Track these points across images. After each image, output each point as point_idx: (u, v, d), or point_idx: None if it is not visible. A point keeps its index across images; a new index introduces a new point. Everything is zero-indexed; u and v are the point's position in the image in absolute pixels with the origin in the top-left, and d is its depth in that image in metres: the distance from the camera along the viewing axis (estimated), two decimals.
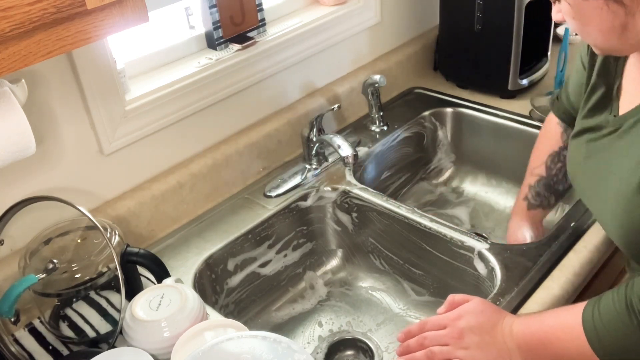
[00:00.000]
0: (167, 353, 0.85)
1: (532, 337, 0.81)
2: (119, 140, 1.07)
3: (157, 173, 1.16)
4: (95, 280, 0.93)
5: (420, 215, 1.15)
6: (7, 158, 0.83)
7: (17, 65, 0.65)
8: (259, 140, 1.27)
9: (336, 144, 1.18)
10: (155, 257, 0.96)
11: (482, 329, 0.84)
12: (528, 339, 0.81)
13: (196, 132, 1.20)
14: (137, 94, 1.09)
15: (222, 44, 1.22)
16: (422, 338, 0.87)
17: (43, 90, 0.96)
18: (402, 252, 1.21)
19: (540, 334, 0.80)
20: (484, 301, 0.88)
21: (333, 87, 1.42)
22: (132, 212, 1.10)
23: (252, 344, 0.80)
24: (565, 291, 0.96)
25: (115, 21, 0.71)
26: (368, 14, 1.45)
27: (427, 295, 1.20)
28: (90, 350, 0.90)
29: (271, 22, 1.32)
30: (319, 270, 1.30)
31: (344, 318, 1.20)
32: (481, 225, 1.39)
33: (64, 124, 1.00)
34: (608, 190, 0.84)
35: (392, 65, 1.54)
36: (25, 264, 0.93)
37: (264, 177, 1.30)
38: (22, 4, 0.62)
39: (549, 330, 0.80)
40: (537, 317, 0.83)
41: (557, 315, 0.82)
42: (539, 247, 1.04)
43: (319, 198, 1.25)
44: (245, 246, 1.16)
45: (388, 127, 1.43)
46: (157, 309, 0.88)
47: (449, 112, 1.49)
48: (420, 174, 1.50)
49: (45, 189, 1.01)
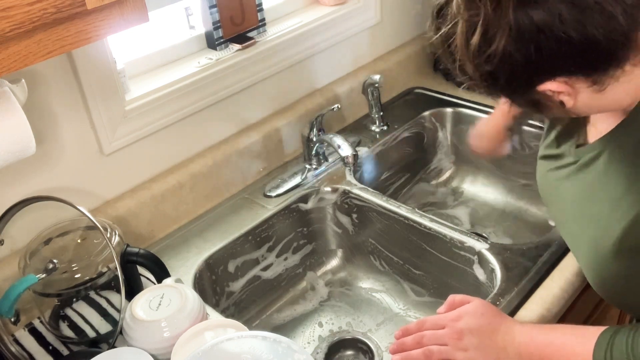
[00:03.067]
0: (167, 353, 0.85)
1: (535, 352, 0.79)
2: (119, 140, 1.07)
3: (157, 173, 1.16)
4: (95, 280, 0.94)
5: (420, 215, 1.15)
6: (7, 158, 0.83)
7: (17, 65, 0.65)
8: (259, 140, 1.27)
9: (336, 144, 1.18)
10: (155, 257, 0.96)
11: (482, 332, 0.83)
12: (531, 351, 0.80)
13: (196, 132, 1.20)
14: (137, 94, 1.09)
15: (222, 44, 1.22)
16: (419, 336, 0.87)
17: (43, 90, 0.96)
18: (402, 252, 1.21)
19: (545, 353, 0.79)
20: (485, 303, 0.87)
21: (333, 87, 1.42)
22: (132, 212, 1.10)
23: (252, 344, 0.80)
24: (565, 291, 0.96)
25: (115, 21, 0.71)
26: (368, 14, 1.45)
27: (427, 295, 1.20)
28: (90, 350, 0.90)
29: (271, 22, 1.32)
30: (319, 270, 1.30)
31: (344, 318, 1.20)
32: (481, 225, 1.39)
33: (64, 124, 1.00)
34: (579, 236, 0.81)
35: (392, 65, 1.54)
36: (25, 264, 0.93)
37: (264, 177, 1.30)
38: (22, 4, 0.62)
39: (555, 353, 0.78)
40: (542, 332, 0.81)
41: (565, 341, 0.78)
42: (539, 247, 1.04)
43: (319, 199, 1.25)
44: (246, 247, 1.16)
45: (388, 127, 1.43)
46: (157, 309, 0.88)
47: (449, 112, 1.49)
48: (420, 174, 1.50)
49: (45, 189, 1.01)
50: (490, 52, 0.64)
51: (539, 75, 0.66)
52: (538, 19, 0.61)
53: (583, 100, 0.69)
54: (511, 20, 0.62)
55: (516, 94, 0.70)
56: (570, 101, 0.69)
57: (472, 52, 0.65)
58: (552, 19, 0.61)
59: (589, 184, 0.79)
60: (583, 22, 0.61)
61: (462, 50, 0.66)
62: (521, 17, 0.61)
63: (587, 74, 0.66)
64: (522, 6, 0.61)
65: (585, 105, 0.70)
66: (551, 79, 0.66)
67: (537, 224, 1.36)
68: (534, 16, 0.61)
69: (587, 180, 0.79)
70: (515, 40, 0.62)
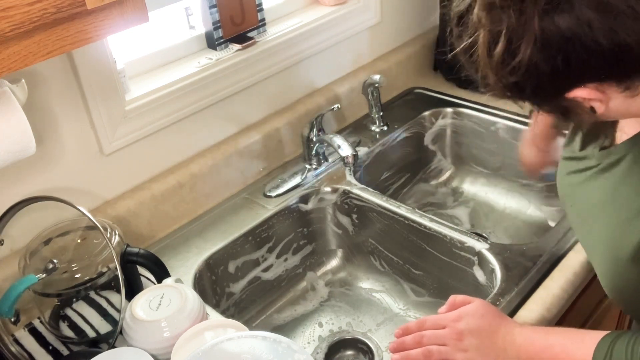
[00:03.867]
0: (167, 353, 0.84)
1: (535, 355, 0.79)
2: (119, 140, 1.07)
3: (157, 173, 1.16)
4: (95, 280, 0.93)
5: (420, 215, 1.15)
6: (7, 158, 0.83)
7: (17, 65, 0.65)
8: (259, 140, 1.27)
9: (336, 144, 1.18)
10: (155, 257, 0.96)
11: (482, 333, 0.83)
12: (531, 354, 0.79)
13: (196, 132, 1.20)
14: (137, 94, 1.09)
15: (222, 44, 1.22)
16: (419, 336, 0.86)
17: (43, 90, 0.96)
18: (402, 253, 1.21)
19: (545, 356, 0.78)
20: (486, 304, 0.87)
21: (333, 87, 1.42)
22: (132, 212, 1.10)
23: (252, 344, 0.80)
24: (565, 291, 0.96)
25: (115, 21, 0.71)
26: (368, 14, 1.45)
27: (426, 295, 1.20)
28: (90, 350, 0.90)
29: (271, 22, 1.32)
30: (319, 270, 1.30)
31: (344, 318, 1.20)
32: (481, 225, 1.39)
33: (64, 124, 1.00)
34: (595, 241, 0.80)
35: (392, 65, 1.54)
36: (25, 264, 0.93)
37: (264, 177, 1.30)
38: (22, 4, 0.62)
39: (555, 356, 0.77)
40: (542, 335, 0.80)
41: (565, 345, 0.78)
42: (539, 247, 1.04)
43: (319, 199, 1.25)
44: (246, 247, 1.16)
45: (388, 127, 1.43)
46: (157, 309, 0.88)
47: (449, 112, 1.49)
48: (420, 174, 1.50)
49: (45, 189, 1.01)
50: (514, 63, 0.60)
51: (568, 84, 0.63)
52: (565, 27, 0.58)
53: (615, 106, 0.66)
54: (536, 29, 0.58)
55: (544, 102, 0.68)
56: (602, 107, 0.66)
57: (495, 64, 0.62)
58: (581, 26, 0.57)
59: (610, 188, 0.76)
60: (614, 28, 0.57)
61: (484, 61, 0.63)
62: (547, 25, 0.58)
63: (619, 80, 0.63)
64: (548, 14, 0.58)
65: (617, 111, 0.67)
66: (581, 86, 0.63)
67: (537, 224, 1.36)
68: (561, 24, 0.58)
69: (608, 184, 0.77)
70: (541, 50, 0.59)
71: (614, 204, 0.75)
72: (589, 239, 0.84)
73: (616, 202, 0.75)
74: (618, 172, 0.75)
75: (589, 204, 0.81)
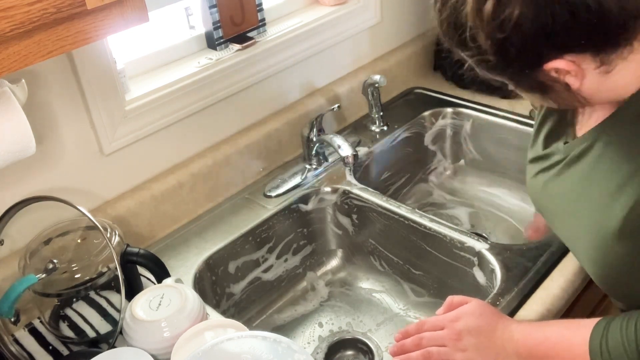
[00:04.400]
0: (167, 353, 0.84)
1: (534, 348, 0.80)
2: (119, 140, 1.07)
3: (157, 173, 1.16)
4: (95, 280, 0.94)
5: (420, 215, 1.15)
6: (7, 158, 0.83)
7: (17, 65, 0.65)
8: (259, 140, 1.27)
9: (336, 144, 1.18)
10: (155, 257, 0.96)
11: (481, 332, 0.83)
12: (529, 348, 0.80)
13: (196, 132, 1.20)
14: (137, 94, 1.09)
15: (222, 44, 1.22)
16: (418, 338, 0.87)
17: (43, 90, 0.96)
18: (402, 253, 1.21)
19: (543, 347, 0.79)
20: (483, 303, 0.87)
21: (333, 87, 1.42)
22: (132, 212, 1.10)
23: (252, 344, 0.80)
24: (565, 291, 0.96)
25: (115, 21, 0.71)
26: (368, 14, 1.45)
27: (426, 295, 1.20)
28: (90, 350, 0.90)
29: (271, 22, 1.32)
30: (319, 270, 1.30)
31: (344, 318, 1.20)
32: (481, 225, 1.39)
33: (64, 124, 1.00)
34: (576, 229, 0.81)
35: (392, 65, 1.54)
36: (25, 264, 0.93)
37: (264, 177, 1.30)
38: (22, 4, 0.62)
39: (553, 347, 0.78)
40: (539, 329, 0.81)
41: (562, 334, 0.79)
42: (539, 247, 1.04)
43: (319, 199, 1.25)
44: (246, 247, 1.16)
45: (388, 127, 1.43)
46: (157, 309, 0.88)
47: (449, 112, 1.49)
48: (420, 174, 1.50)
49: (45, 189, 1.01)
50: (504, 16, 0.63)
51: (549, 49, 0.66)
52: None
53: (590, 82, 0.69)
54: None
55: (523, 72, 0.70)
56: (577, 82, 0.69)
57: (485, 18, 0.64)
58: None
59: (582, 176, 0.79)
60: None
61: (473, 15, 0.65)
62: None
63: (595, 51, 0.66)
64: None
65: (592, 89, 0.70)
66: (560, 56, 0.66)
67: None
68: None
69: (579, 173, 0.79)
70: (530, 5, 0.62)
71: (590, 187, 0.77)
72: (569, 230, 0.85)
73: (593, 184, 0.77)
74: (589, 158, 0.78)
75: (563, 196, 0.83)
